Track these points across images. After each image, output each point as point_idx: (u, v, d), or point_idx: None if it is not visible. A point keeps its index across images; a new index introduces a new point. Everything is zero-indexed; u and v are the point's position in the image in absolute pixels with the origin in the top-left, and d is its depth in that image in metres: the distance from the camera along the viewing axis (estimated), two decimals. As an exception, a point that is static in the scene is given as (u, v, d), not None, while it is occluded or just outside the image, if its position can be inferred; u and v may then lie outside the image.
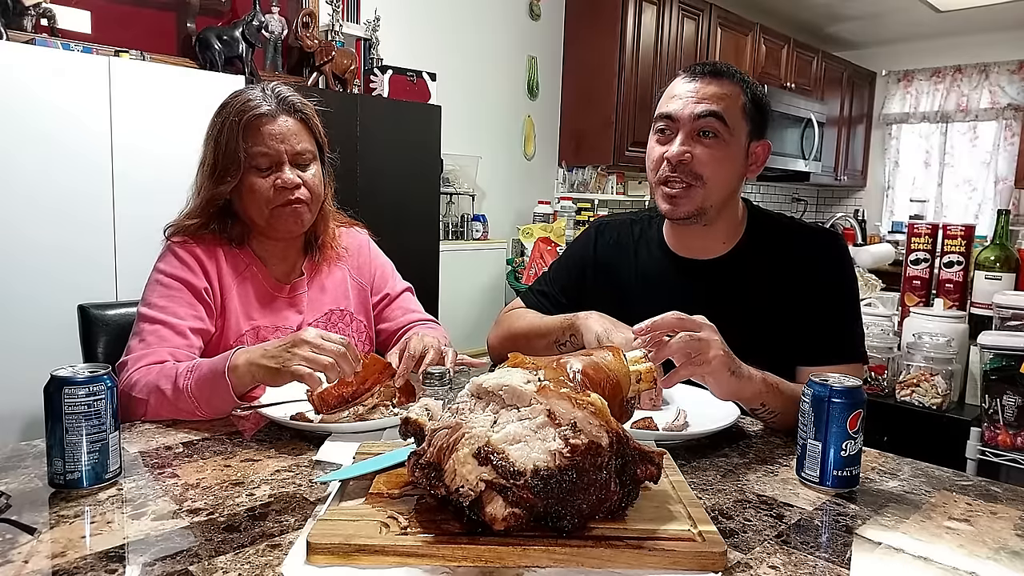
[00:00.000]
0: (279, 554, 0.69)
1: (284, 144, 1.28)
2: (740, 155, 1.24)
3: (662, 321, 1.01)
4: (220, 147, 1.27)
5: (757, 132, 1.26)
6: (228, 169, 1.27)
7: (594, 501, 0.69)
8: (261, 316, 1.35)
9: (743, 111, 1.23)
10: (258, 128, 1.27)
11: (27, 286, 2.09)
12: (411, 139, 3.20)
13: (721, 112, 1.20)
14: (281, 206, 1.28)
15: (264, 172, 1.28)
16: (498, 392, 0.75)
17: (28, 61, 2.08)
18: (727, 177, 1.23)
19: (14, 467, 0.90)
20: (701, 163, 1.21)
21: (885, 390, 1.86)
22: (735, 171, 1.25)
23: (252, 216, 1.31)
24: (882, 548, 0.76)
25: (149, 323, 1.23)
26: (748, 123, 1.24)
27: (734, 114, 1.21)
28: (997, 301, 1.73)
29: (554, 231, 3.85)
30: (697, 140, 1.22)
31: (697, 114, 1.21)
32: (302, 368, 1.04)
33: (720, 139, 1.21)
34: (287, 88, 1.34)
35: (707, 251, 1.32)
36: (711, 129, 1.21)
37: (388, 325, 1.53)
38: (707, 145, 1.21)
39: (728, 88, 1.22)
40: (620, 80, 4.31)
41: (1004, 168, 5.92)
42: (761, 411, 1.11)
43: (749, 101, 1.23)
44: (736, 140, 1.22)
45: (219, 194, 1.29)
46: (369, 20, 3.45)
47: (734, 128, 1.21)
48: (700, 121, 1.21)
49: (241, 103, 1.28)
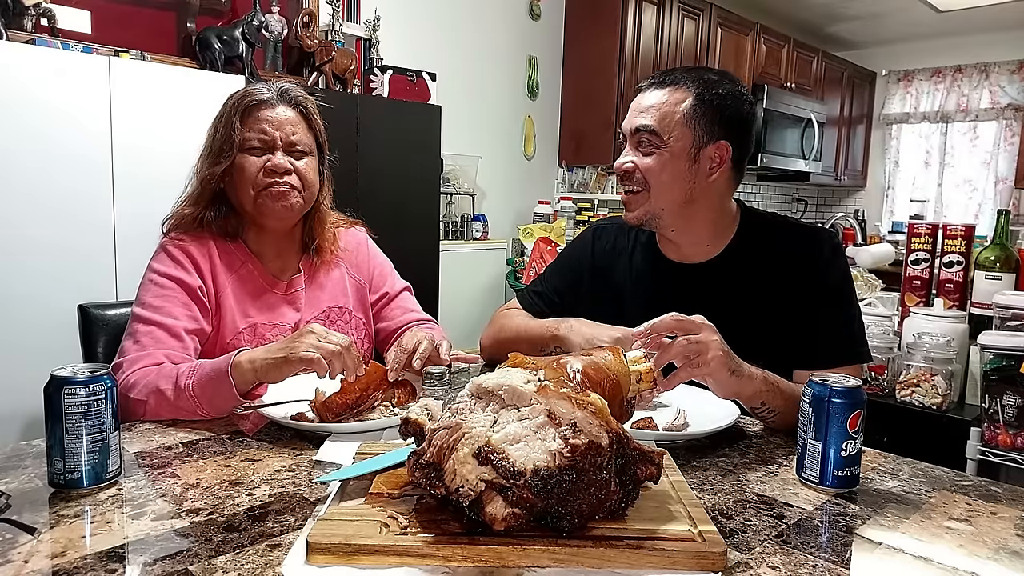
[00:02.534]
0: (279, 554, 0.69)
1: (279, 131, 1.30)
2: (681, 162, 1.24)
3: (661, 323, 1.02)
4: (218, 131, 1.30)
5: (711, 136, 1.24)
6: (222, 151, 1.28)
7: (594, 501, 0.69)
8: (258, 313, 1.35)
9: (684, 118, 1.23)
10: (255, 112, 1.29)
11: (27, 286, 2.09)
12: (411, 139, 3.20)
13: (652, 125, 1.24)
14: (267, 188, 1.29)
15: (256, 155, 1.29)
16: (498, 392, 0.75)
17: (28, 61, 2.08)
18: (669, 183, 1.25)
19: (14, 467, 0.90)
20: (643, 171, 1.27)
21: (885, 390, 1.86)
22: (678, 177, 1.25)
23: (241, 200, 1.31)
24: (882, 548, 0.76)
25: (144, 324, 1.22)
26: (693, 129, 1.23)
27: (669, 123, 1.23)
28: (997, 301, 1.73)
29: (554, 231, 3.85)
30: (638, 150, 1.27)
31: (633, 128, 1.27)
32: (310, 353, 1.05)
33: (654, 148, 1.25)
34: (292, 84, 1.37)
35: (695, 254, 1.33)
36: (644, 140, 1.26)
37: (387, 324, 1.53)
38: (645, 154, 1.26)
39: (671, 96, 1.24)
40: (620, 80, 4.31)
41: (1004, 168, 5.92)
42: (761, 410, 1.11)
43: (700, 105, 1.23)
44: (674, 148, 1.24)
45: (212, 175, 1.29)
46: (369, 20, 3.45)
47: (670, 137, 1.23)
48: (636, 135, 1.27)
49: (243, 91, 1.32)
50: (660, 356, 1.00)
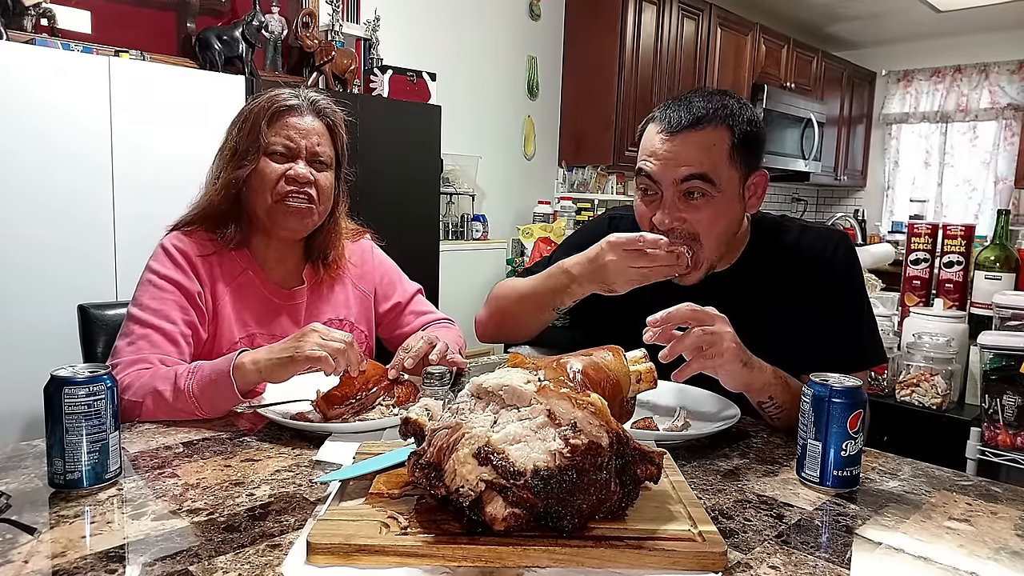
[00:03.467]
0: (279, 554, 0.69)
1: (305, 140, 1.29)
2: (735, 201, 1.18)
3: (677, 312, 1.01)
4: (243, 131, 1.27)
5: (751, 166, 1.19)
6: (247, 152, 1.26)
7: (594, 501, 0.69)
8: (256, 323, 1.33)
9: (730, 157, 1.14)
10: (284, 118, 1.28)
11: (27, 286, 2.09)
12: (411, 139, 3.20)
13: (706, 172, 1.12)
14: (284, 197, 1.27)
15: (278, 161, 1.27)
16: (498, 392, 0.75)
17: (28, 61, 2.08)
18: (725, 228, 1.18)
19: (14, 467, 0.90)
20: (695, 224, 1.15)
21: (885, 390, 1.86)
22: (732, 218, 1.19)
23: (255, 206, 1.29)
24: (882, 548, 0.76)
25: (140, 326, 1.21)
26: (739, 167, 1.16)
27: (721, 166, 1.13)
28: (997, 301, 1.73)
29: (554, 231, 3.85)
30: (685, 202, 1.15)
31: (680, 179, 1.14)
32: (316, 351, 1.05)
33: (709, 196, 1.14)
34: (322, 95, 1.35)
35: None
36: (696, 190, 1.14)
37: (403, 331, 1.50)
38: (697, 207, 1.15)
39: (711, 137, 1.13)
40: (620, 80, 4.31)
41: (1004, 168, 5.92)
42: (768, 404, 1.11)
43: (738, 139, 1.15)
44: (727, 190, 1.15)
45: (236, 178, 1.27)
46: (369, 20, 3.45)
47: (722, 181, 1.14)
48: (684, 184, 1.14)
49: (272, 95, 1.30)
50: (673, 346, 0.99)
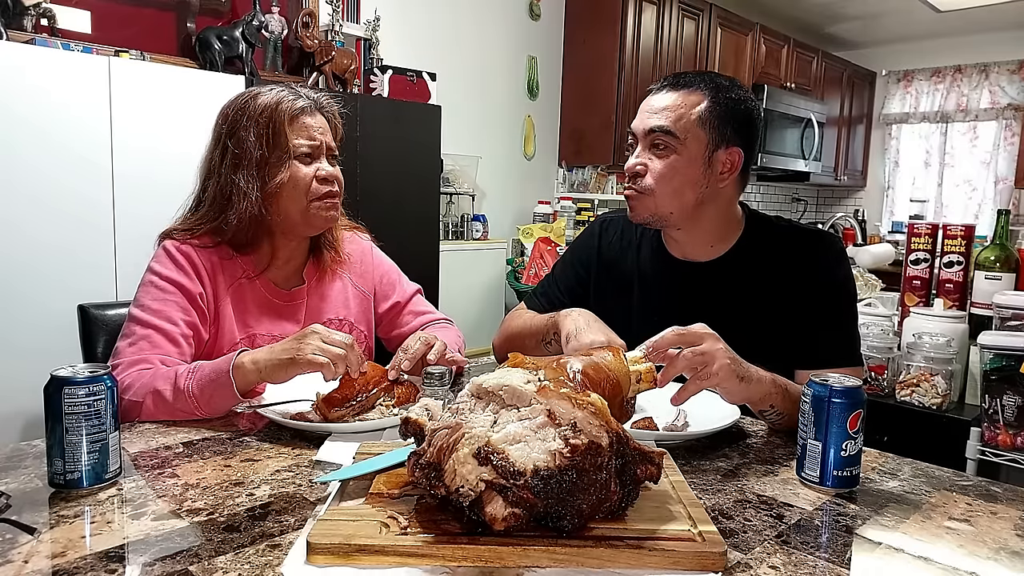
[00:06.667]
0: (279, 554, 0.69)
1: (324, 136, 1.30)
2: (695, 165, 1.24)
3: (662, 340, 1.00)
4: (265, 139, 1.25)
5: (727, 139, 1.24)
6: (281, 159, 1.26)
7: (594, 501, 0.69)
8: (257, 324, 1.33)
9: (701, 119, 1.23)
10: (300, 119, 1.28)
11: (27, 286, 2.09)
12: (411, 139, 3.20)
13: (668, 126, 1.23)
14: (320, 199, 1.28)
15: (305, 163, 1.28)
16: (498, 392, 0.75)
17: (28, 61, 2.08)
18: (678, 186, 1.24)
19: (14, 467, 0.90)
20: (651, 174, 1.25)
21: (885, 390, 1.85)
22: (689, 180, 1.24)
23: (289, 210, 1.28)
24: (882, 548, 0.76)
25: (141, 327, 1.21)
26: (707, 132, 1.23)
27: (684, 124, 1.22)
28: (997, 301, 1.73)
29: (554, 231, 3.85)
30: (651, 152, 1.26)
31: (647, 128, 1.25)
32: (318, 357, 1.05)
33: (669, 150, 1.24)
34: (315, 90, 1.36)
35: (699, 254, 1.34)
36: (660, 142, 1.24)
37: (402, 331, 1.50)
38: (658, 156, 1.25)
39: (686, 98, 1.23)
40: (620, 80, 4.31)
41: (1004, 168, 5.92)
42: (769, 412, 1.11)
43: (716, 108, 1.23)
44: (691, 150, 1.23)
45: (277, 185, 1.26)
46: (369, 20, 3.45)
47: (685, 139, 1.22)
48: (650, 135, 1.25)
49: (278, 98, 1.27)
50: (666, 371, 0.99)
